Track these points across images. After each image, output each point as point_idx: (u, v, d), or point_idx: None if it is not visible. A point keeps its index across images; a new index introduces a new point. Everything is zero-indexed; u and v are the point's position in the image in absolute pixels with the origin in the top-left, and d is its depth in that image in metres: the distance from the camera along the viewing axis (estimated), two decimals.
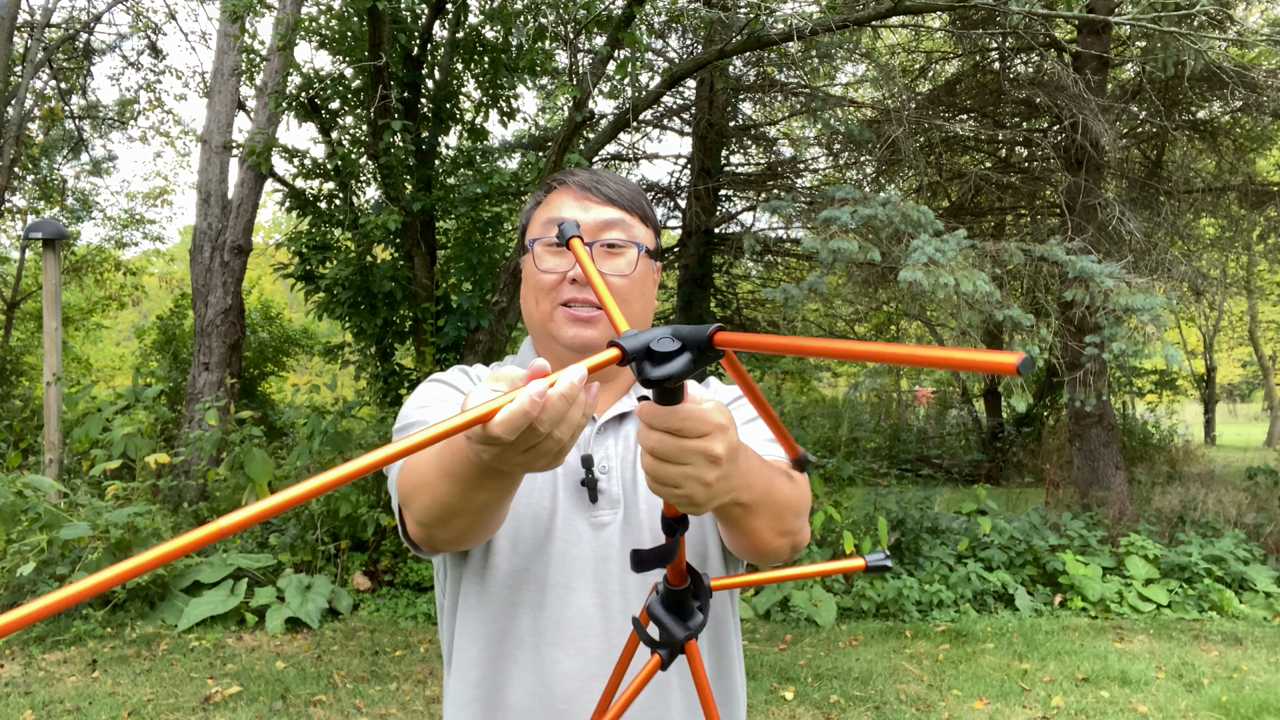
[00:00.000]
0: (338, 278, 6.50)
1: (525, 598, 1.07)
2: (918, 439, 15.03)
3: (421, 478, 0.89)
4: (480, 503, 0.85)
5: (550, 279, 1.12)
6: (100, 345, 16.35)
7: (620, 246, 1.12)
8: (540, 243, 1.14)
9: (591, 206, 1.13)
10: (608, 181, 1.15)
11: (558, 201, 1.15)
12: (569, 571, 1.07)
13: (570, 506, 1.09)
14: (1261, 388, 24.75)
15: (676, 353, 0.65)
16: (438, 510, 0.88)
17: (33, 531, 5.06)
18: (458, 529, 0.90)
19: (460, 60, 6.63)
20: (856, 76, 10.92)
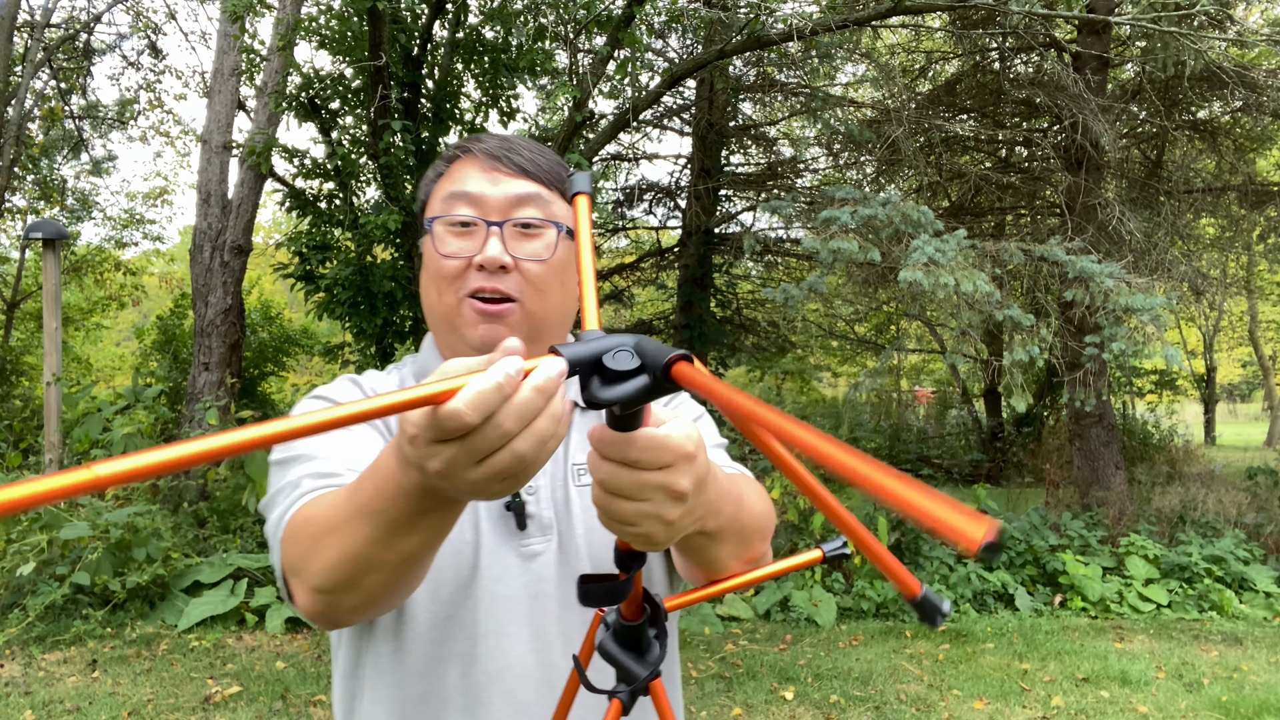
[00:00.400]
0: (338, 278, 6.49)
1: (452, 650, 0.90)
2: (918, 439, 15.03)
3: (325, 525, 0.72)
4: (406, 550, 0.68)
5: (454, 265, 0.93)
6: (100, 345, 16.35)
7: (537, 227, 0.94)
8: (441, 221, 0.95)
9: (501, 179, 0.95)
10: (521, 149, 0.97)
11: (461, 173, 0.96)
12: (499, 615, 0.91)
13: (496, 537, 0.93)
14: (1261, 388, 24.75)
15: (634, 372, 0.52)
16: (348, 566, 0.70)
17: (33, 531, 5.06)
18: (371, 590, 0.72)
19: (460, 60, 6.63)
20: (856, 76, 10.92)
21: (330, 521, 0.72)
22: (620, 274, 11.97)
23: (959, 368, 12.61)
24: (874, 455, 8.85)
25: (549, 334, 0.98)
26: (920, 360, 17.46)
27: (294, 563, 0.77)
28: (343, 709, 0.97)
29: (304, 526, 0.76)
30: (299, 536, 0.77)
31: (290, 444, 0.90)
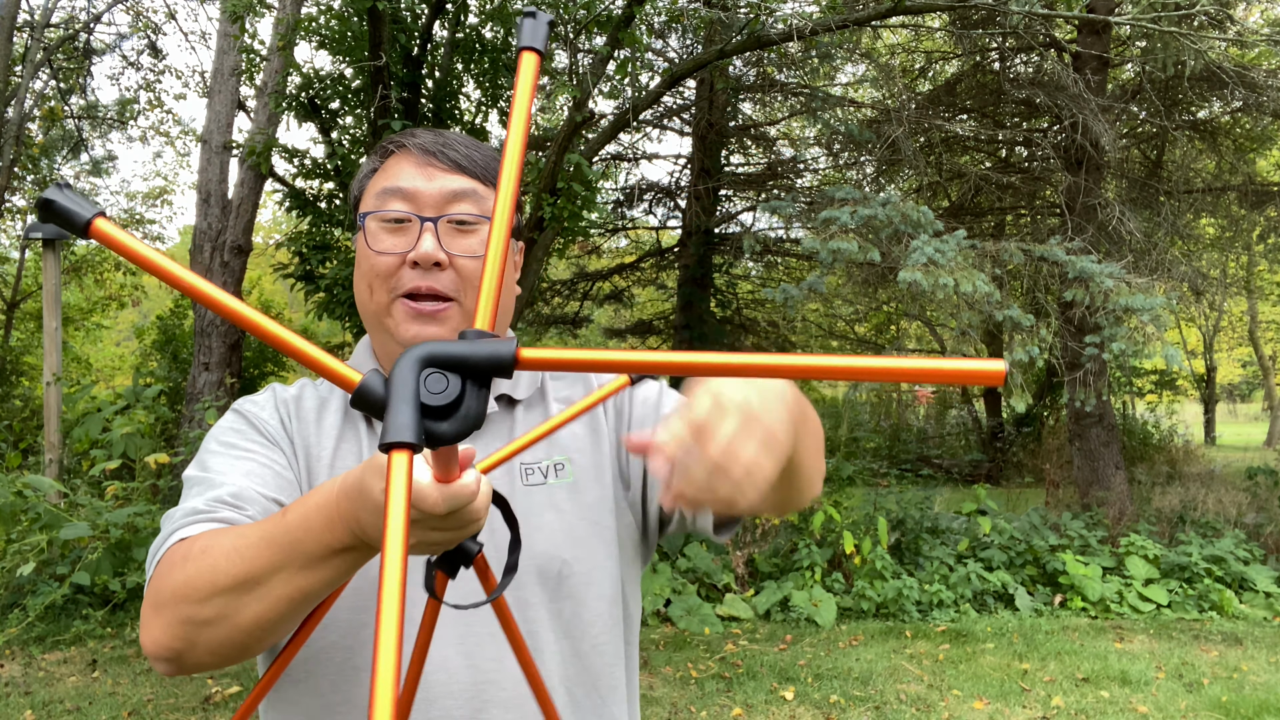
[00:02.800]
0: (338, 278, 6.49)
1: (366, 658, 0.87)
2: (918, 439, 15.03)
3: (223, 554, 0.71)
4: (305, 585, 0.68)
5: (387, 261, 0.91)
6: (100, 345, 16.35)
7: (472, 223, 0.92)
8: (374, 217, 0.93)
9: (436, 174, 0.92)
10: (456, 144, 0.94)
11: (395, 168, 0.94)
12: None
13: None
14: (1261, 388, 24.75)
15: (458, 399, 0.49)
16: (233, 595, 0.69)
17: (33, 531, 5.06)
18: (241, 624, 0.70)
19: (460, 60, 6.63)
20: (856, 76, 10.92)
21: (235, 545, 0.71)
22: (620, 274, 11.97)
23: None
24: (874, 455, 8.83)
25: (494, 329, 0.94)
26: None
27: (165, 591, 0.73)
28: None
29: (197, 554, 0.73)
30: (184, 561, 0.74)
31: (203, 462, 0.89)
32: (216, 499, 0.83)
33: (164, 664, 0.74)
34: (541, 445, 0.96)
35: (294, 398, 0.99)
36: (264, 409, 0.96)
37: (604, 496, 0.96)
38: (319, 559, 0.67)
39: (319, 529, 0.66)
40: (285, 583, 0.68)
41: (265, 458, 0.91)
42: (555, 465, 0.96)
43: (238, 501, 0.84)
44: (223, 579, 0.70)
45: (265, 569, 0.68)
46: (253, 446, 0.92)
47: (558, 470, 0.95)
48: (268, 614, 0.70)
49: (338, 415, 0.97)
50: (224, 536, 0.73)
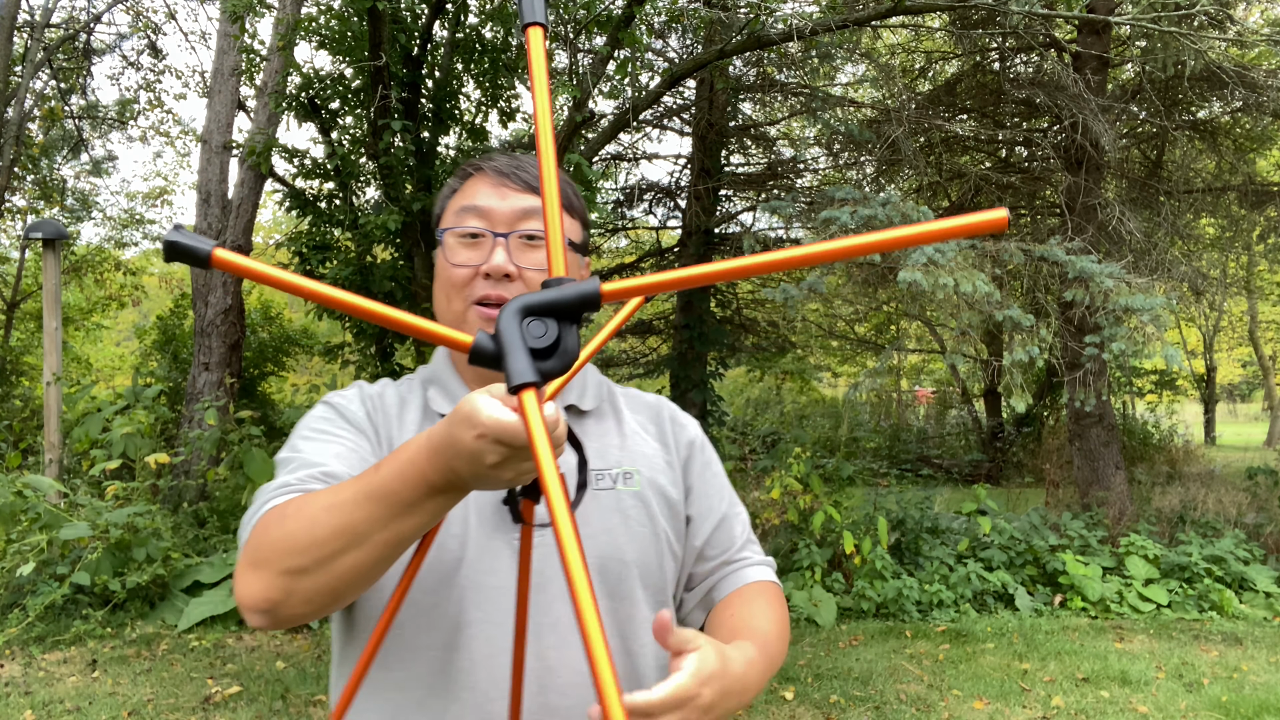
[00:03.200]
0: (338, 278, 6.49)
1: (434, 639, 0.94)
2: (918, 439, 15.03)
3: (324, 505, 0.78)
4: (401, 531, 0.75)
5: (463, 274, 1.01)
6: (100, 345, 16.35)
7: (540, 238, 1.01)
8: (452, 233, 1.03)
9: (509, 194, 1.02)
10: (528, 166, 1.04)
11: (473, 188, 1.04)
12: (486, 605, 0.94)
13: (487, 529, 0.97)
14: (1261, 388, 24.75)
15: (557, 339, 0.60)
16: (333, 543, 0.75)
17: (33, 531, 5.06)
18: (339, 572, 0.76)
19: (460, 60, 6.63)
20: (856, 76, 10.92)
21: (331, 501, 0.77)
22: (620, 274, 11.98)
23: (959, 368, 12.62)
24: (874, 455, 8.83)
25: None
26: (920, 360, 17.46)
27: (263, 548, 0.80)
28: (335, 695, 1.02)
29: (292, 513, 0.80)
30: (279, 521, 0.80)
31: (294, 445, 0.98)
32: (308, 475, 0.91)
33: (260, 616, 0.80)
34: (613, 453, 1.06)
35: (378, 394, 1.07)
36: (351, 402, 1.05)
37: (664, 512, 1.05)
38: (414, 505, 0.74)
39: (414, 478, 0.73)
40: (383, 529, 0.75)
41: (353, 443, 0.99)
42: (624, 474, 1.04)
43: (326, 478, 0.91)
44: (321, 531, 0.76)
45: (364, 519, 0.75)
46: (341, 433, 1.00)
47: (626, 478, 1.04)
48: (365, 560, 0.76)
49: (417, 412, 1.05)
50: (317, 496, 0.80)
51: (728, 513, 1.13)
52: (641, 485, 1.04)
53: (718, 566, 1.11)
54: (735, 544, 1.12)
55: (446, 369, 1.08)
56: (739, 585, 1.09)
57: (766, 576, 1.12)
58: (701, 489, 1.11)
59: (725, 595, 1.09)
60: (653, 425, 1.13)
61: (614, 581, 0.99)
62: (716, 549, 1.11)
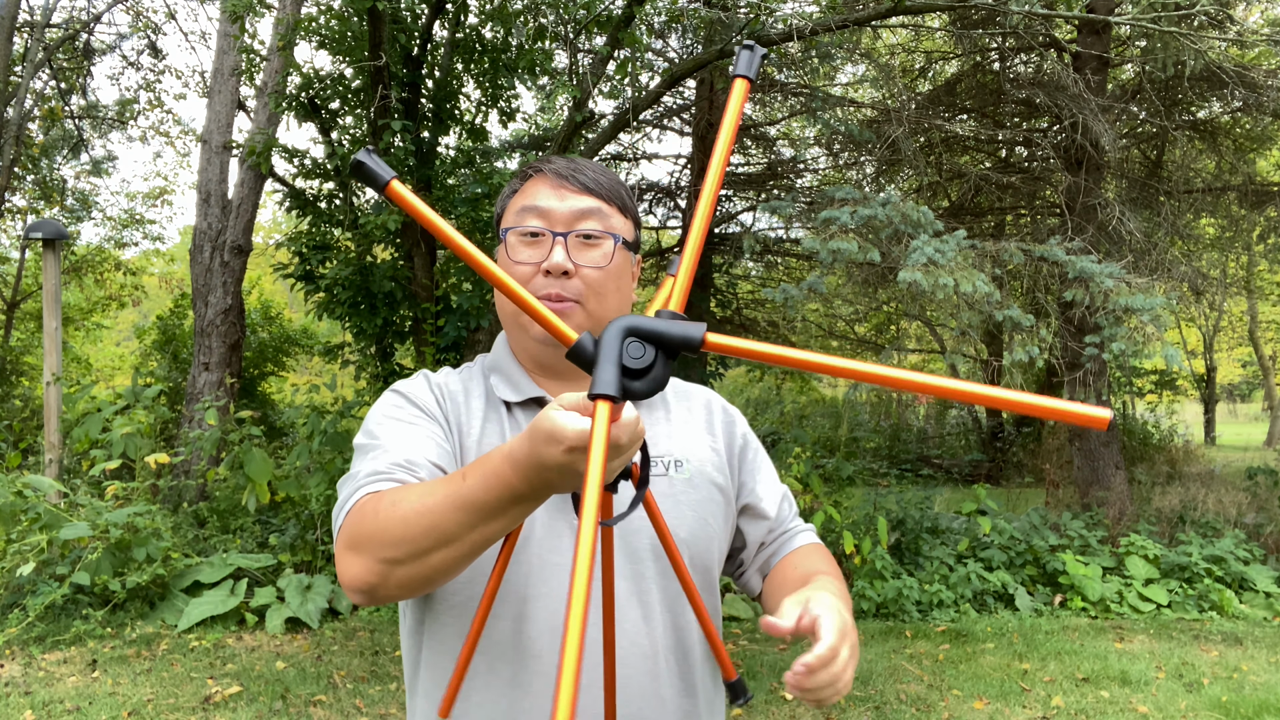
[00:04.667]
0: (338, 278, 6.49)
1: (505, 609, 1.02)
2: (918, 439, 15.03)
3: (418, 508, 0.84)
4: (488, 533, 0.82)
5: (524, 270, 1.07)
6: (100, 345, 16.34)
7: (597, 237, 1.08)
8: (514, 232, 1.09)
9: (568, 195, 1.08)
10: (586, 169, 1.11)
11: (534, 189, 1.10)
12: (550, 580, 1.02)
13: (551, 512, 1.04)
14: (1261, 388, 24.75)
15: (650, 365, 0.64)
16: (427, 541, 0.82)
17: (33, 531, 5.06)
18: (434, 564, 0.84)
19: (460, 60, 6.62)
20: (856, 76, 10.92)
21: (424, 505, 0.84)
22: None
23: (959, 368, 12.62)
24: (874, 455, 8.83)
25: None
26: (920, 360, 17.45)
27: (361, 535, 0.88)
28: (410, 660, 1.10)
29: (387, 507, 0.87)
30: (374, 512, 0.88)
31: (371, 432, 1.05)
32: (392, 462, 0.98)
33: (360, 595, 0.88)
34: (663, 442, 1.13)
35: (443, 382, 1.15)
36: (420, 389, 1.12)
37: (713, 499, 1.13)
38: (499, 512, 0.80)
39: (500, 490, 0.79)
40: (471, 531, 0.82)
41: (426, 430, 1.06)
42: (675, 461, 1.12)
43: (409, 465, 0.98)
44: (414, 530, 0.83)
45: (453, 524, 0.82)
46: (415, 419, 1.07)
47: (677, 466, 1.12)
48: (455, 556, 0.84)
49: (481, 400, 1.13)
50: (410, 493, 0.87)
51: (783, 494, 1.26)
52: (691, 472, 1.12)
53: (778, 535, 1.23)
54: (786, 519, 1.25)
55: (507, 358, 1.15)
56: (792, 549, 1.21)
57: (813, 539, 1.24)
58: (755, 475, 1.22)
59: (781, 558, 1.20)
60: (701, 415, 1.20)
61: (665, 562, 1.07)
62: (780, 523, 1.24)
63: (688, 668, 1.10)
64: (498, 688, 1.02)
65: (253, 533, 6.02)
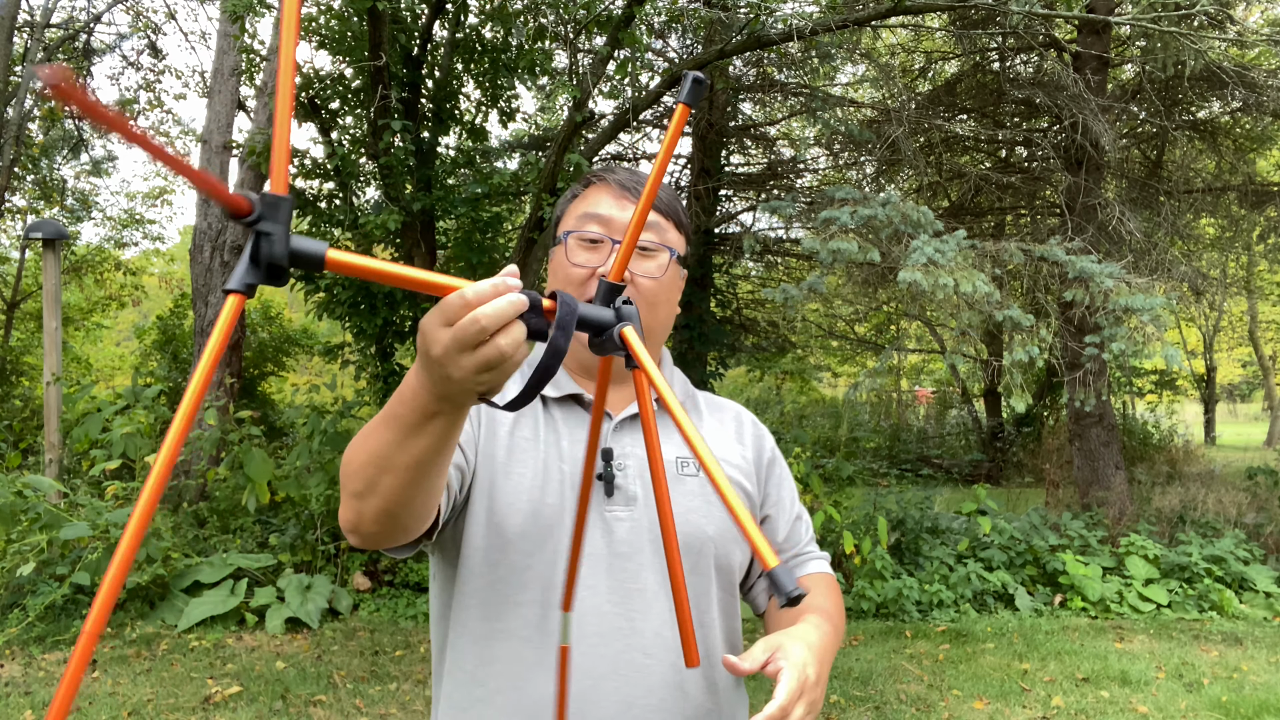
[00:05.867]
0: (338, 278, 6.49)
1: (530, 595, 1.05)
2: (918, 439, 15.03)
3: (360, 437, 0.87)
4: (416, 452, 0.81)
5: (580, 273, 1.10)
6: (100, 345, 16.35)
7: (653, 250, 1.12)
8: (574, 236, 1.13)
9: (628, 206, 1.12)
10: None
11: (595, 197, 1.14)
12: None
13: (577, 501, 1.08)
14: (1261, 388, 24.75)
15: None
16: (370, 469, 0.84)
17: (33, 531, 5.06)
18: (386, 494, 0.85)
19: (460, 60, 6.62)
20: (856, 76, 10.92)
21: (364, 432, 0.86)
22: None
23: (959, 368, 12.61)
24: (874, 455, 8.85)
25: (653, 341, 1.15)
26: (920, 360, 17.46)
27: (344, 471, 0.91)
28: (437, 644, 1.14)
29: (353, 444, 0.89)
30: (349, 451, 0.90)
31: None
32: None
33: (352, 536, 0.92)
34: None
35: None
36: None
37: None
38: (417, 426, 0.79)
39: (410, 400, 0.78)
40: (400, 452, 0.81)
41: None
42: None
43: None
44: (359, 457, 0.86)
45: (383, 444, 0.82)
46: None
47: None
48: (396, 483, 0.84)
49: (516, 388, 1.15)
50: (363, 429, 0.89)
51: (800, 514, 1.29)
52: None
53: (790, 558, 1.26)
54: (802, 541, 1.28)
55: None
56: (802, 574, 1.25)
57: (824, 569, 1.27)
58: (779, 493, 1.26)
59: None
60: (732, 426, 1.25)
61: (694, 557, 1.10)
62: (791, 543, 1.26)
63: (709, 665, 1.12)
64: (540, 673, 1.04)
65: (253, 533, 6.02)
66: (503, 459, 1.08)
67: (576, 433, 1.12)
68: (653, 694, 1.05)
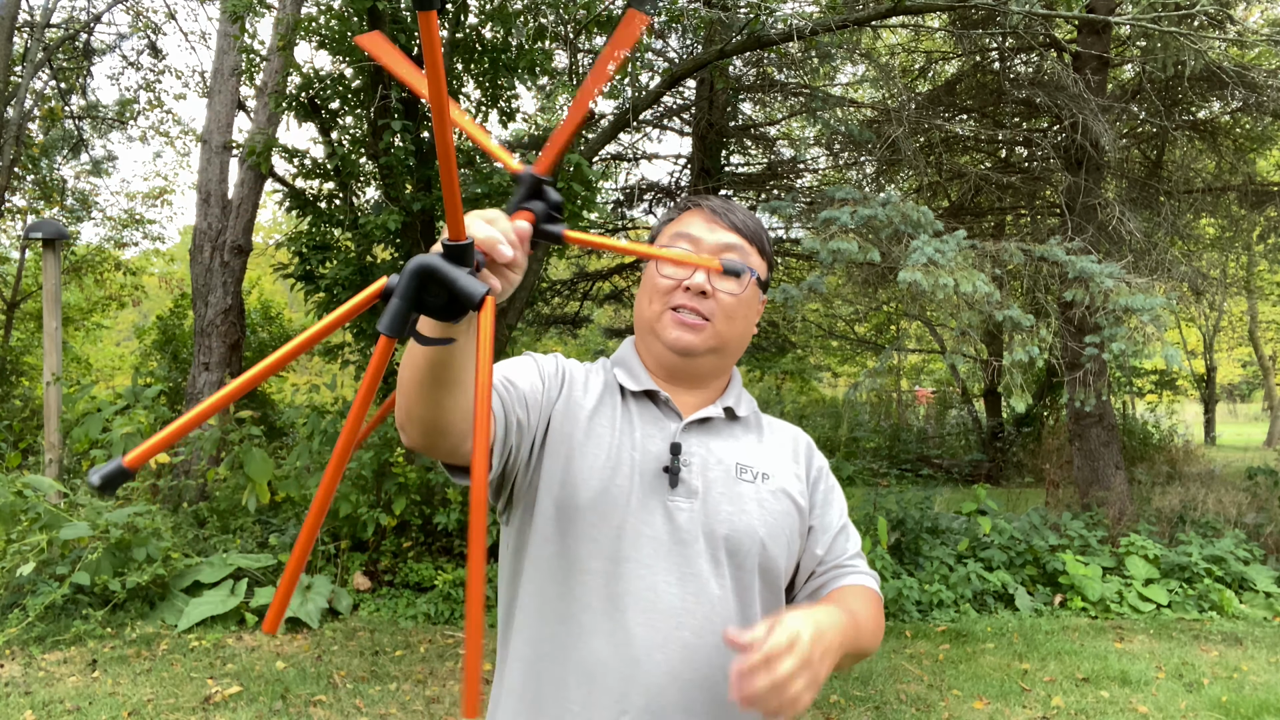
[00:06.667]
0: (338, 278, 6.49)
1: (597, 566, 1.15)
2: (918, 439, 15.03)
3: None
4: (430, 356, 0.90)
5: (667, 284, 1.23)
6: (100, 345, 16.34)
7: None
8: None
9: (718, 229, 1.25)
10: (735, 211, 1.28)
11: (689, 220, 1.27)
12: (643, 548, 1.16)
13: (647, 489, 1.18)
14: (1261, 388, 24.74)
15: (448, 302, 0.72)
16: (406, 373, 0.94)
17: (33, 531, 5.06)
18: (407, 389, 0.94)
19: (460, 60, 6.62)
20: (856, 76, 10.92)
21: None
22: (620, 274, 11.97)
23: (959, 368, 12.61)
24: (874, 454, 8.87)
25: (728, 353, 1.27)
26: (920, 360, 17.46)
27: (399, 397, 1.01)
28: (505, 605, 1.24)
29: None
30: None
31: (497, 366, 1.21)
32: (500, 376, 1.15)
33: (403, 434, 1.01)
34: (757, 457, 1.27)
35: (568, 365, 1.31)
36: (545, 358, 1.29)
37: (790, 513, 1.26)
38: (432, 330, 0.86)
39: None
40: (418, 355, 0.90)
41: (535, 375, 1.22)
42: (763, 474, 1.25)
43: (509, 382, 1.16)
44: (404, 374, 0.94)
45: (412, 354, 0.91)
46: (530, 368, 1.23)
47: (765, 478, 1.25)
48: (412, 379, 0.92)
49: (600, 384, 1.28)
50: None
51: (846, 528, 1.35)
52: (775, 486, 1.26)
53: (830, 569, 1.31)
54: (848, 553, 1.34)
55: (631, 354, 1.31)
56: (842, 584, 1.30)
57: (869, 583, 1.32)
58: (825, 505, 1.33)
59: (830, 590, 1.30)
60: (789, 446, 1.34)
61: (742, 555, 1.20)
62: (833, 555, 1.32)
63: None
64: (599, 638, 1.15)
65: (253, 533, 6.02)
66: (580, 439, 1.19)
67: (649, 427, 1.23)
68: (697, 671, 1.14)
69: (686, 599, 1.15)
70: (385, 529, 5.89)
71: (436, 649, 4.86)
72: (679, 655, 1.13)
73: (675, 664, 1.13)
